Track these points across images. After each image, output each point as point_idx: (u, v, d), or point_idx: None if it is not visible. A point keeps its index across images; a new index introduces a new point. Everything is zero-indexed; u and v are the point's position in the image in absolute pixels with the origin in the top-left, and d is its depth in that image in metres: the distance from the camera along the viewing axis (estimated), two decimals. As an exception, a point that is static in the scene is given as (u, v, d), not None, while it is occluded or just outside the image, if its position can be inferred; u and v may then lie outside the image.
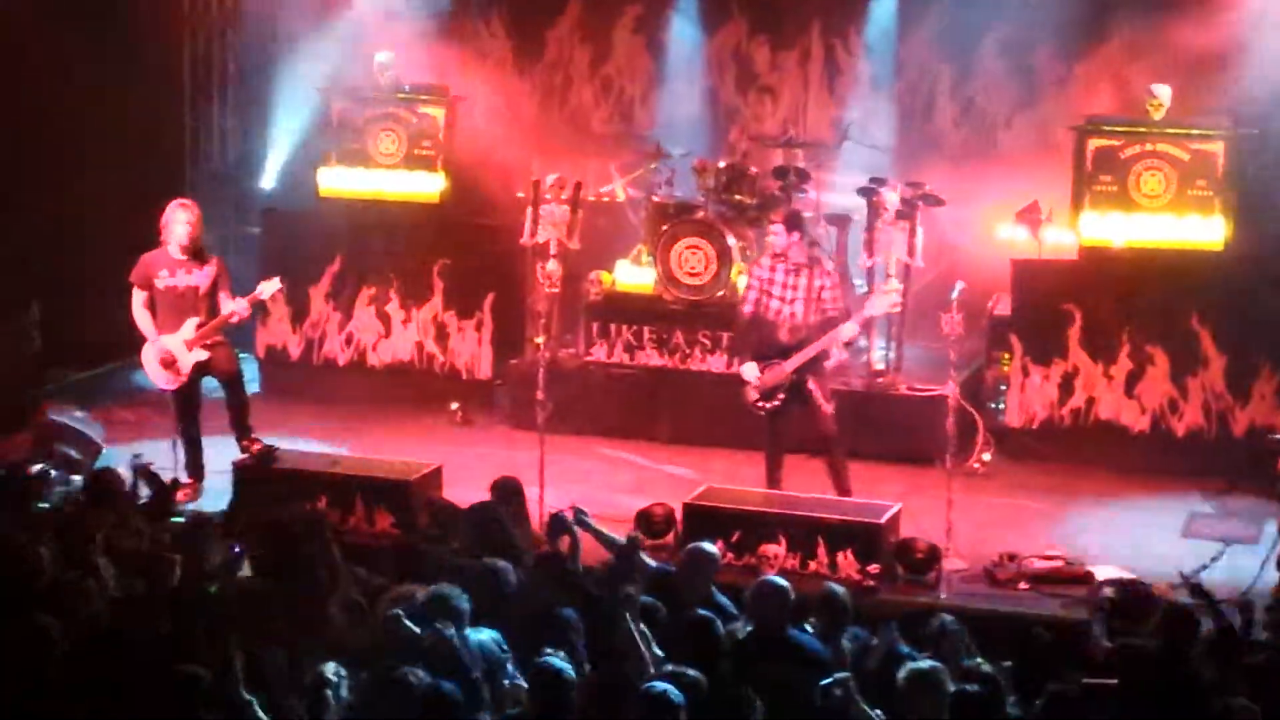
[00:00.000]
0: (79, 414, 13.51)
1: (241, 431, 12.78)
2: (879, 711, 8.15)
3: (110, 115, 15.20)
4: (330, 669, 8.20)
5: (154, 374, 12.84)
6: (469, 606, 8.71)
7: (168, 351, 12.68)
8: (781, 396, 12.21)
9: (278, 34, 16.21)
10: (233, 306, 12.75)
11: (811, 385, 12.21)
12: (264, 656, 8.40)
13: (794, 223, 12.44)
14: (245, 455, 12.57)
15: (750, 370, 12.26)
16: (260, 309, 14.45)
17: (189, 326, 12.66)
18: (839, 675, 8.15)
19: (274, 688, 8.23)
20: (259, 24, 16.34)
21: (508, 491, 10.89)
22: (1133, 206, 14.18)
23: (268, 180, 16.36)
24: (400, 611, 8.55)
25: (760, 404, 12.27)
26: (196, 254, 12.75)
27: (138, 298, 12.79)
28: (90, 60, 15.06)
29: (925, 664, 8.25)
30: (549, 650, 8.38)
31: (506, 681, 8.54)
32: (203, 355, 12.70)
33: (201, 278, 12.73)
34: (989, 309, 14.66)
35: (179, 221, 12.70)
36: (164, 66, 15.95)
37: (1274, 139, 14.09)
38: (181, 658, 8.39)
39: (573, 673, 8.13)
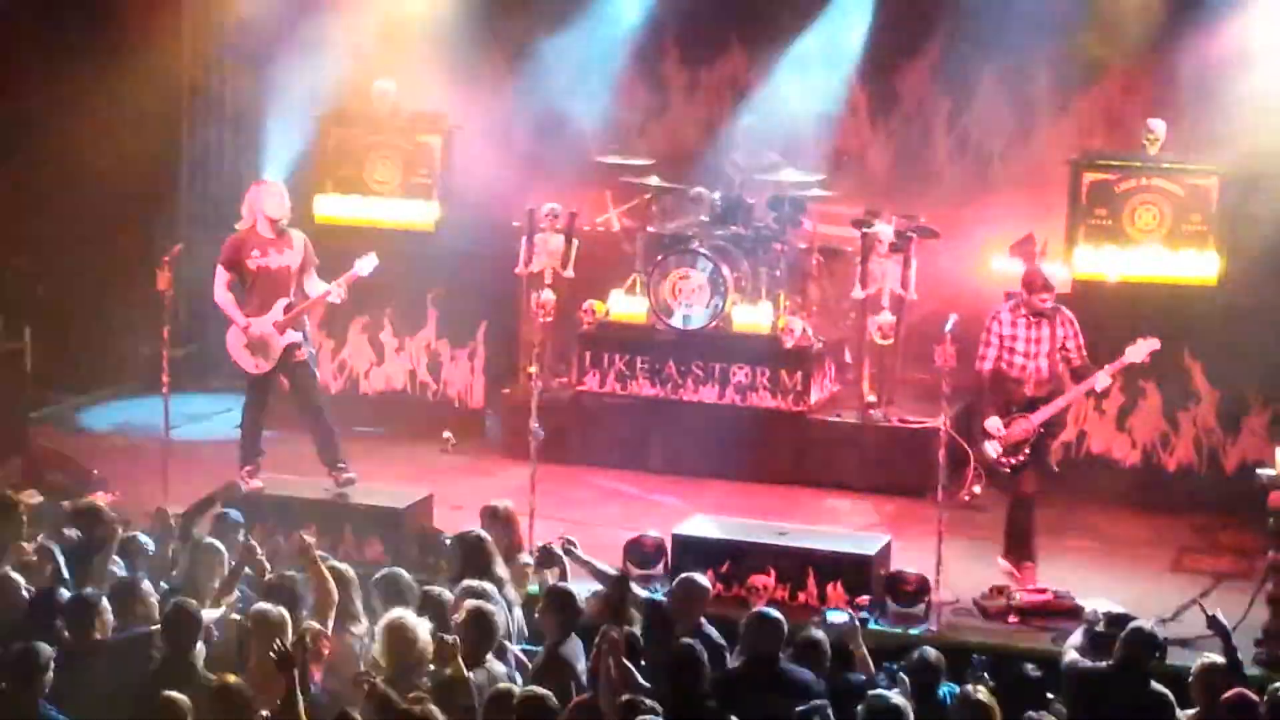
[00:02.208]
0: (69, 440, 13.49)
1: (329, 459, 12.58)
2: None
3: (105, 141, 15.23)
4: None
5: (241, 359, 12.60)
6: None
7: (258, 335, 12.46)
8: (1026, 452, 11.89)
9: (275, 59, 16.19)
10: (328, 288, 12.50)
11: (1052, 443, 12.02)
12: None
13: (1037, 282, 11.98)
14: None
15: (994, 425, 11.88)
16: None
17: (278, 308, 12.44)
18: (815, 703, 8.16)
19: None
20: (256, 49, 16.32)
21: (495, 517, 10.90)
22: (1127, 241, 14.21)
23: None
24: None
25: (1003, 460, 11.91)
26: (283, 232, 12.54)
27: (222, 279, 12.55)
28: (85, 85, 15.12)
29: (889, 697, 8.28)
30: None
31: None
32: (295, 336, 12.48)
33: (293, 256, 12.51)
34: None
35: (270, 195, 12.52)
36: (160, 92, 15.95)
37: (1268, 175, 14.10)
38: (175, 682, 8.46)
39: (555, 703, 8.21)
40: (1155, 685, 9.16)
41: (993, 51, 15.98)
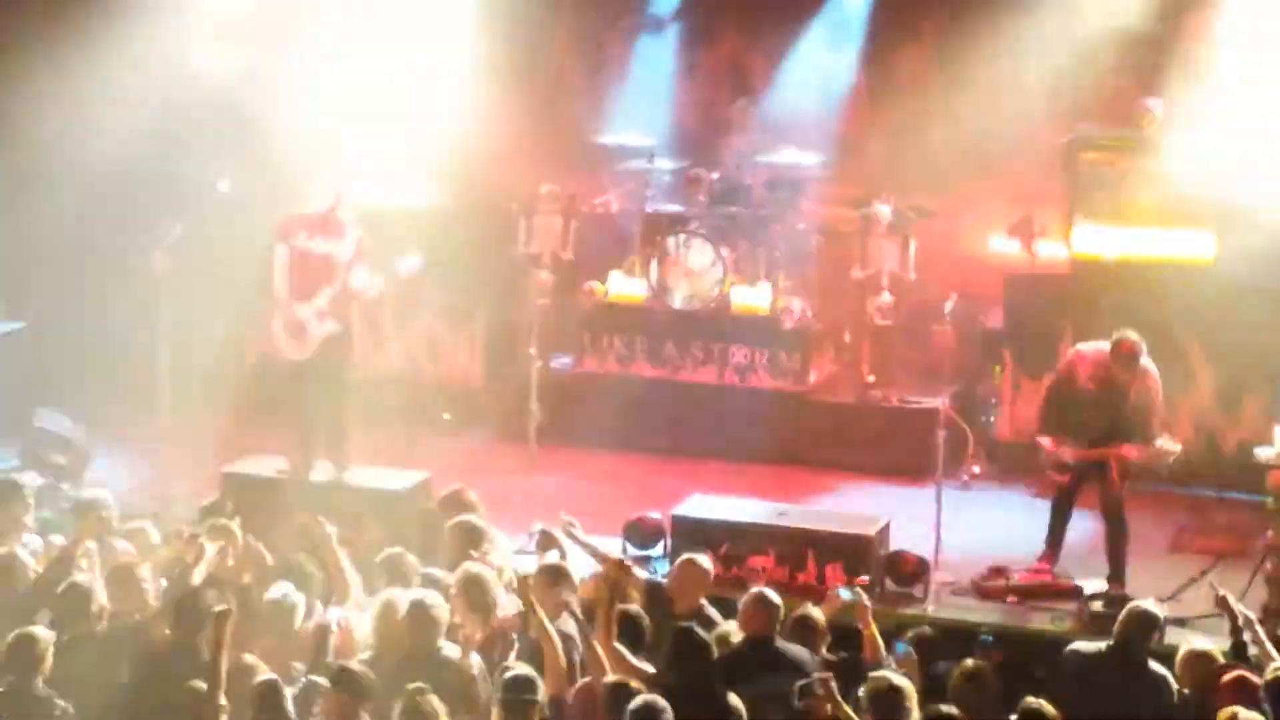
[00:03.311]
0: (67, 421, 13.50)
1: (334, 449, 12.52)
2: None
3: (97, 126, 15.20)
4: None
5: (280, 342, 12.42)
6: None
7: (297, 320, 12.30)
8: (1070, 474, 11.73)
9: (265, 40, 16.15)
10: (365, 282, 12.31)
11: (1106, 469, 11.65)
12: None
13: (1122, 350, 11.56)
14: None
15: (1045, 441, 11.71)
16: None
17: (323, 296, 12.26)
18: (819, 674, 8.19)
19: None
20: (245, 31, 16.27)
21: (454, 505, 10.87)
22: (1124, 220, 14.20)
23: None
24: None
25: (1051, 473, 11.80)
26: (337, 221, 12.35)
27: (281, 255, 12.33)
28: (76, 71, 15.10)
29: (892, 677, 8.31)
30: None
31: None
32: (335, 328, 12.27)
33: (342, 247, 12.30)
34: (981, 322, 14.68)
35: (328, 185, 12.41)
36: (150, 75, 15.92)
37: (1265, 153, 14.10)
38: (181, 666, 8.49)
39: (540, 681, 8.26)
40: (1153, 665, 9.20)
41: (990, 31, 16.00)
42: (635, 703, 7.99)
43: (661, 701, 8.01)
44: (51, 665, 8.59)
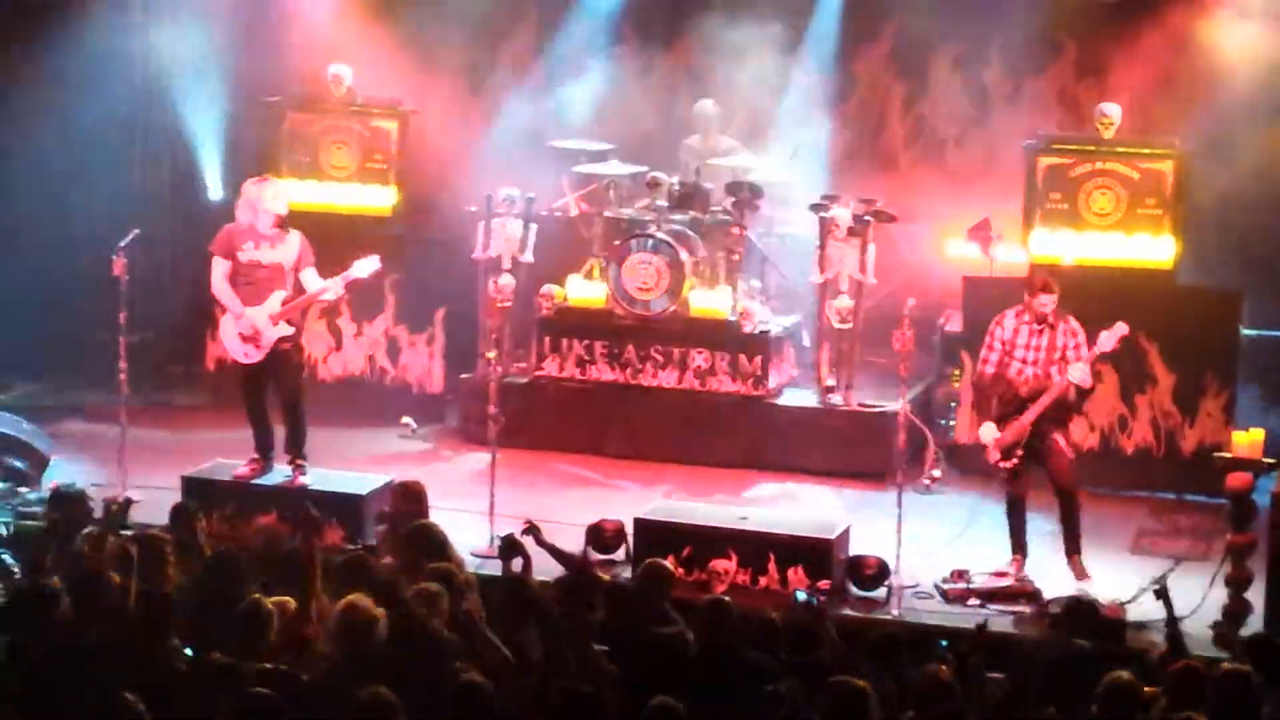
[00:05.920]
0: (26, 426, 13.41)
1: (293, 450, 12.56)
2: None
3: (59, 124, 15.14)
4: None
5: (232, 347, 12.50)
6: None
7: (251, 325, 12.33)
8: (1020, 453, 11.67)
9: (229, 43, 16.12)
10: (325, 284, 12.41)
11: (1055, 435, 11.72)
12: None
13: (1036, 282, 11.91)
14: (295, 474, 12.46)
15: (988, 431, 11.69)
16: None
17: (275, 300, 12.33)
18: (788, 682, 8.18)
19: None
20: (211, 33, 16.22)
21: (405, 496, 10.83)
22: (1083, 225, 14.25)
23: (218, 192, 16.27)
24: None
25: (1001, 463, 11.73)
26: (279, 229, 12.41)
27: (219, 268, 12.40)
28: (39, 68, 15.02)
29: (852, 680, 8.31)
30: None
31: None
32: (287, 331, 12.36)
33: (286, 253, 12.38)
34: (940, 325, 14.71)
35: (264, 195, 12.41)
36: (114, 75, 15.87)
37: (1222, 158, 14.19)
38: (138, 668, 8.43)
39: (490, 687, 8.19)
40: (1079, 641, 9.35)
41: (947, 35, 16.06)
42: (653, 702, 7.89)
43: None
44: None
